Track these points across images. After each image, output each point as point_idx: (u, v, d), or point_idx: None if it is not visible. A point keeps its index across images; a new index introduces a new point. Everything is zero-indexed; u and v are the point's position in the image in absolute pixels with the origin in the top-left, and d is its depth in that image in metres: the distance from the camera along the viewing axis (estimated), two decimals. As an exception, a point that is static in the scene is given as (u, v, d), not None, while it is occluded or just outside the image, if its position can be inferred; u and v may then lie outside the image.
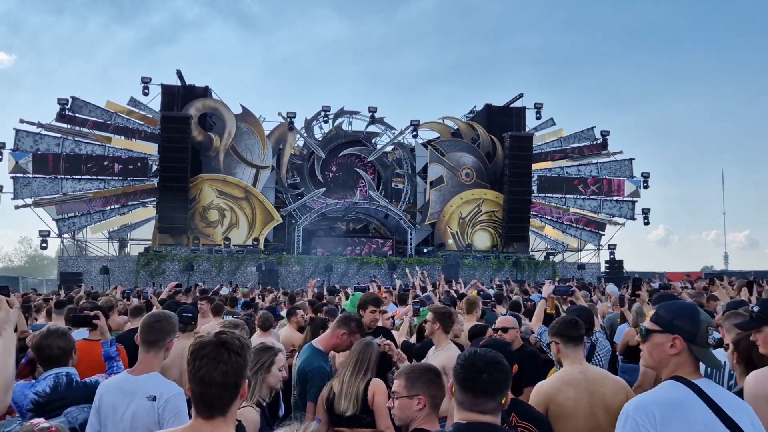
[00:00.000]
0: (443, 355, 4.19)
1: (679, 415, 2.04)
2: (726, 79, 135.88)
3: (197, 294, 10.85)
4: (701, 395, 2.08)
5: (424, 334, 4.62)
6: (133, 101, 31.73)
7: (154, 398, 2.83)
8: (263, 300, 10.68)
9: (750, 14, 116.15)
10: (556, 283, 5.78)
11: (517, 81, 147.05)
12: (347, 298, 7.91)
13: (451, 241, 32.85)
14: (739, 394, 2.76)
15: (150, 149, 31.28)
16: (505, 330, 4.72)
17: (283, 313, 7.27)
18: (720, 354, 3.63)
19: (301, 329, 6.33)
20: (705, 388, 2.11)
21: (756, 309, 2.70)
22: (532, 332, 5.37)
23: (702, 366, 3.54)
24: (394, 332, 5.76)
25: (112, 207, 31.13)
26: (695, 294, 7.88)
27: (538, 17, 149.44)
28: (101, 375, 3.42)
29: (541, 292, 10.46)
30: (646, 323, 2.30)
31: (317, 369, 3.93)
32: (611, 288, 9.62)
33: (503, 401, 2.12)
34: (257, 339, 5.30)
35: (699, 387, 2.11)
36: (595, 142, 35.77)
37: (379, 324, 5.34)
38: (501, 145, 33.20)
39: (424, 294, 8.88)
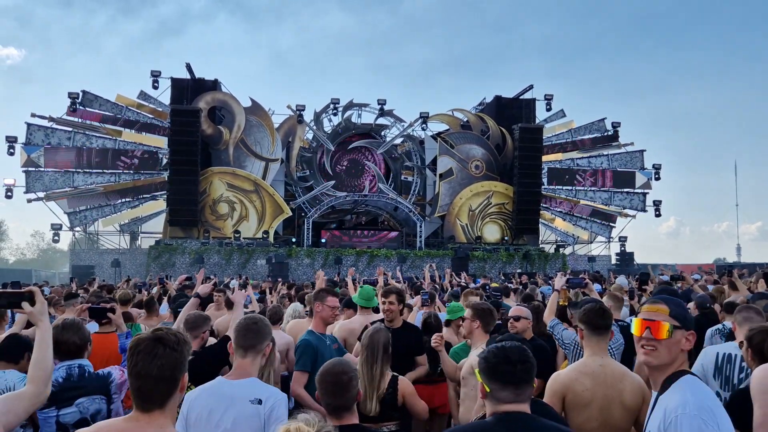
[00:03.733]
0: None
1: (721, 409, 2.06)
2: (739, 69, 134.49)
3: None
4: None
5: (462, 335, 4.47)
6: (143, 95, 31.88)
7: (260, 401, 2.69)
8: (271, 293, 10.70)
9: (762, 4, 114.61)
10: (569, 275, 5.74)
11: (526, 72, 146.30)
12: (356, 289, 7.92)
13: (460, 233, 32.80)
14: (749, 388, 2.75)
15: (160, 142, 31.42)
16: (517, 319, 4.68)
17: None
18: (730, 347, 3.61)
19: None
20: None
21: None
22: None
23: (713, 360, 3.54)
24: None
25: (123, 200, 31.36)
26: (709, 287, 7.84)
27: (545, 7, 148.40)
28: (115, 367, 3.44)
29: (550, 285, 10.46)
30: (667, 319, 2.16)
31: (302, 341, 4.22)
32: (621, 280, 9.56)
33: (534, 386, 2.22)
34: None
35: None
36: (605, 134, 35.54)
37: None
38: (511, 137, 33.03)
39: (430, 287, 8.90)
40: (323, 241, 31.21)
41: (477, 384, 4.06)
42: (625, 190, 35.31)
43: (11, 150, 29.20)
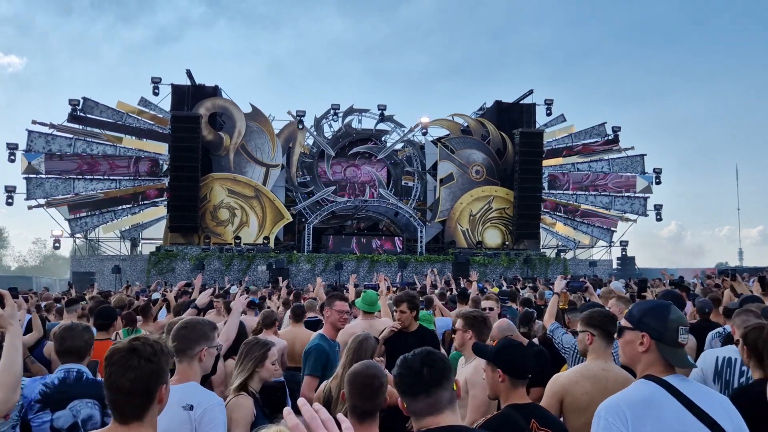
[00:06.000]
0: (471, 366, 3.71)
1: (651, 412, 2.03)
2: (740, 73, 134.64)
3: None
4: (672, 391, 2.08)
5: (453, 347, 4.34)
6: (143, 101, 31.91)
7: (191, 407, 2.68)
8: (270, 298, 10.67)
9: (762, 8, 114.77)
10: (569, 279, 5.70)
11: (525, 77, 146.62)
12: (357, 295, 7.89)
13: (461, 238, 32.76)
14: (751, 387, 2.72)
15: (161, 149, 31.45)
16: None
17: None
18: (730, 350, 3.58)
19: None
20: (676, 384, 2.10)
21: None
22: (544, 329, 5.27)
23: (712, 364, 3.51)
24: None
25: (124, 207, 31.36)
26: (704, 290, 7.81)
27: (543, 13, 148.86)
28: None
29: (551, 289, 10.42)
30: (621, 321, 2.28)
31: (315, 346, 4.29)
32: (616, 285, 9.52)
33: (455, 388, 2.03)
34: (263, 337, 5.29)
35: (669, 383, 2.10)
36: (606, 138, 35.54)
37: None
38: (511, 142, 33.02)
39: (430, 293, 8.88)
40: (323, 246, 31.15)
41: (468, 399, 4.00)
42: (626, 194, 35.30)
43: (12, 157, 29.23)
